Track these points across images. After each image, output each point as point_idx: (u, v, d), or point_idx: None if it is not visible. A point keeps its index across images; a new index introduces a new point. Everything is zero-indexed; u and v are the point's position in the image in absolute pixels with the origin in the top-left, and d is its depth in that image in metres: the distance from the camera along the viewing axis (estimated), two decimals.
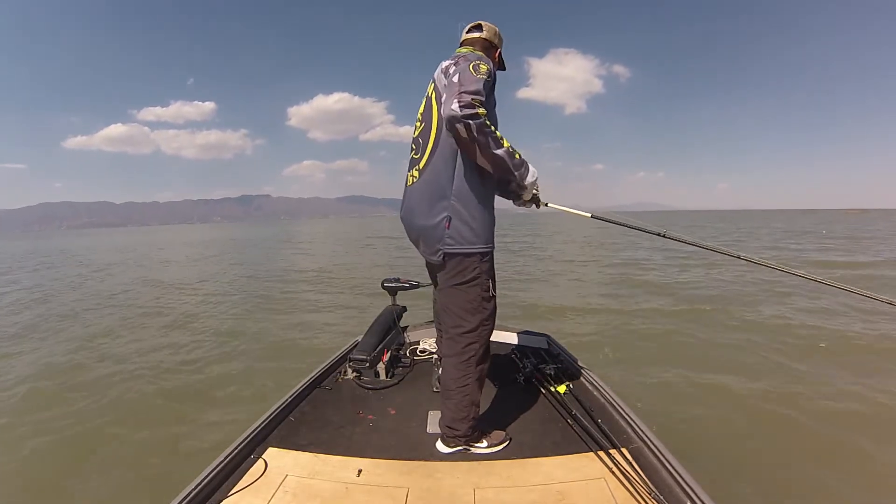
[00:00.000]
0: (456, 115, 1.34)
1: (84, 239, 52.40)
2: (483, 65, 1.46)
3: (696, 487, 1.26)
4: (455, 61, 1.52)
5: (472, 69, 1.43)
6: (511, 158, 1.46)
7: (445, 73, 1.51)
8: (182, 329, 5.71)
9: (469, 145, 1.41)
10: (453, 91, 1.38)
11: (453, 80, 1.42)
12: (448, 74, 1.48)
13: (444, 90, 1.47)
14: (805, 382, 3.47)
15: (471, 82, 1.39)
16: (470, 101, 1.34)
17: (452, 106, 1.35)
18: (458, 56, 1.55)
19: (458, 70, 1.44)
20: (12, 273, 14.03)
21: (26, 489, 2.45)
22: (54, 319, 6.52)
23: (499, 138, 1.42)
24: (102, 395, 3.53)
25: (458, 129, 1.37)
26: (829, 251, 13.78)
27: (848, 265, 10.40)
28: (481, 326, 1.56)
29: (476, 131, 1.36)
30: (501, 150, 1.43)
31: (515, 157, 1.47)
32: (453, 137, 1.44)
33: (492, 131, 1.40)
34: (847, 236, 20.37)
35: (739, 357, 4.10)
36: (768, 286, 7.33)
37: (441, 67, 1.57)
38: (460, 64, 1.47)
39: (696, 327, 5.12)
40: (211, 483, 1.34)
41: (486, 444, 1.60)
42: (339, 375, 2.25)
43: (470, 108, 1.34)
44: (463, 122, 1.35)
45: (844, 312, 5.53)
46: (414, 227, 1.61)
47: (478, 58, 1.51)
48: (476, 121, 1.35)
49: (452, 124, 1.38)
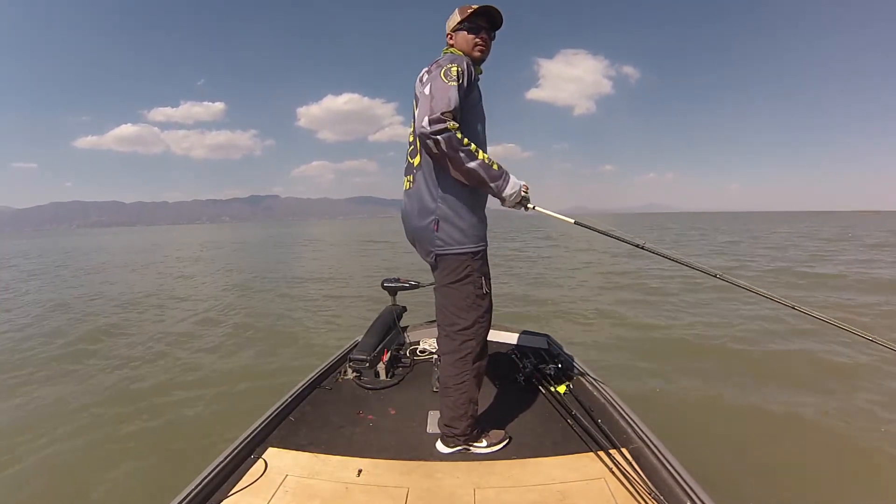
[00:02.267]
0: (425, 131, 1.34)
1: (102, 238, 51.57)
2: (454, 67, 1.43)
3: (696, 487, 1.26)
4: (429, 68, 1.50)
5: (444, 76, 1.40)
6: (487, 171, 1.43)
7: (421, 81, 1.50)
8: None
9: (441, 159, 1.41)
10: (424, 105, 1.37)
11: (424, 93, 1.40)
12: (423, 83, 1.46)
13: (419, 100, 1.45)
14: (805, 382, 3.47)
15: (441, 95, 1.36)
16: (438, 117, 1.33)
17: (422, 123, 1.34)
18: (434, 62, 1.53)
19: (430, 79, 1.42)
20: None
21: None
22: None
23: (472, 151, 1.39)
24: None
25: (428, 144, 1.37)
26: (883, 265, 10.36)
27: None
28: (476, 324, 1.56)
29: (446, 146, 1.35)
30: (475, 163, 1.40)
31: (493, 169, 1.43)
32: (426, 152, 1.44)
33: (464, 145, 1.37)
34: (882, 243, 16.50)
35: (740, 357, 4.11)
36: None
37: (419, 76, 1.55)
38: (432, 72, 1.45)
39: (699, 328, 5.12)
40: (211, 483, 1.34)
41: (485, 444, 1.60)
42: (339, 375, 2.26)
43: (439, 123, 1.33)
44: (432, 137, 1.34)
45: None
46: (410, 229, 1.64)
47: (450, 60, 1.47)
48: (445, 135, 1.34)
49: (423, 140, 1.38)
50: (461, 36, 1.58)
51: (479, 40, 1.57)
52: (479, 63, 1.61)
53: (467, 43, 1.57)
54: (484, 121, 1.60)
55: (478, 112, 1.56)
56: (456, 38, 1.59)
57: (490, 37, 1.60)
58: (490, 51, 1.61)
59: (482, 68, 1.63)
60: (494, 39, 1.63)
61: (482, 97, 1.59)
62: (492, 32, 1.61)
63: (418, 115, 1.39)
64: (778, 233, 25.28)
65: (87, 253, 22.65)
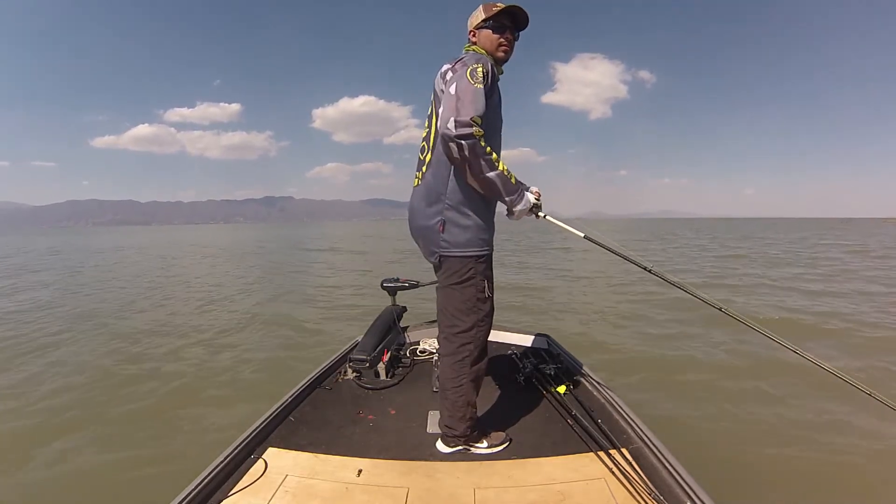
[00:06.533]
0: (450, 133, 1.31)
1: (117, 236, 50.26)
2: (479, 67, 1.40)
3: (696, 487, 1.26)
4: (453, 66, 1.47)
5: (470, 76, 1.37)
6: (505, 183, 1.40)
7: (444, 79, 1.47)
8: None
9: (461, 164, 1.38)
10: (450, 106, 1.33)
11: (450, 92, 1.36)
12: (446, 81, 1.43)
13: (442, 98, 1.42)
14: (805, 381, 3.46)
15: (469, 97, 1.33)
16: (466, 121, 1.29)
17: (448, 124, 1.31)
18: (457, 60, 1.50)
19: (455, 79, 1.38)
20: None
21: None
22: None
23: (493, 161, 1.36)
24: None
25: (450, 147, 1.34)
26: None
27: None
28: (476, 327, 1.55)
29: (469, 152, 1.32)
30: (494, 174, 1.38)
31: (511, 183, 1.41)
32: (445, 155, 1.41)
33: (486, 153, 1.34)
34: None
35: (740, 358, 4.10)
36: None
37: (441, 71, 1.52)
38: (458, 70, 1.42)
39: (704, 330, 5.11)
40: (211, 483, 1.34)
41: (486, 445, 1.60)
42: (339, 375, 2.25)
43: (466, 127, 1.30)
44: (456, 141, 1.31)
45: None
46: (414, 227, 1.62)
47: (475, 60, 1.43)
48: (469, 141, 1.31)
49: (446, 142, 1.35)
50: (485, 34, 1.53)
51: (504, 40, 1.53)
52: (502, 63, 1.56)
53: (491, 42, 1.53)
54: (502, 125, 1.57)
55: (498, 116, 1.53)
56: (479, 37, 1.54)
57: (514, 37, 1.56)
58: (513, 52, 1.56)
59: (503, 69, 1.58)
60: (518, 40, 1.58)
61: (502, 101, 1.55)
62: (516, 33, 1.56)
63: (442, 116, 1.35)
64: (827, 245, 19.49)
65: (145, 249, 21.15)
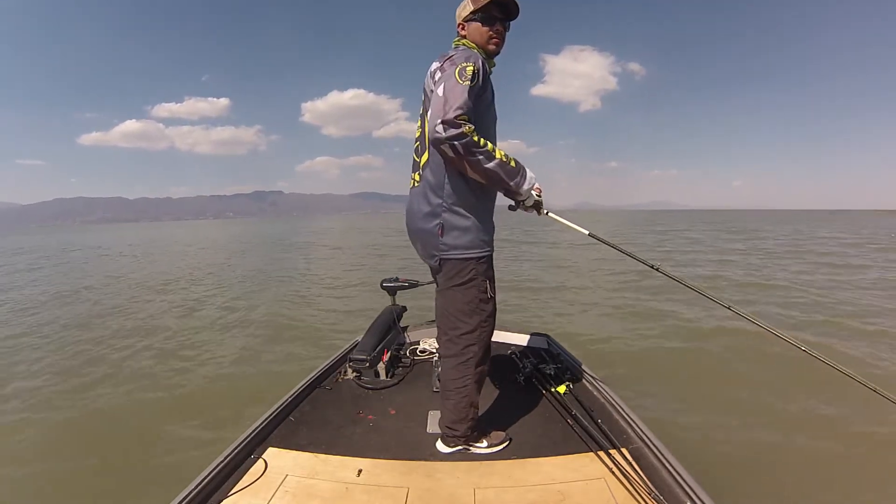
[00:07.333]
0: (440, 137, 1.28)
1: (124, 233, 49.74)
2: (469, 66, 1.35)
3: (696, 487, 1.26)
4: (441, 65, 1.42)
5: (458, 75, 1.33)
6: (504, 168, 1.38)
7: (433, 78, 1.43)
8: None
9: (458, 162, 1.35)
10: (437, 109, 1.30)
11: (438, 94, 1.32)
12: (435, 82, 1.39)
13: (431, 99, 1.38)
14: (805, 381, 3.46)
15: (455, 96, 1.29)
16: (453, 121, 1.27)
17: (437, 128, 1.28)
18: (447, 57, 1.44)
19: (444, 79, 1.34)
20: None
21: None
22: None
23: (490, 151, 1.34)
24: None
25: (444, 150, 1.32)
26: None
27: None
28: (479, 328, 1.53)
29: (463, 150, 1.30)
30: (493, 164, 1.35)
31: (510, 165, 1.38)
32: (440, 156, 1.39)
33: (481, 147, 1.32)
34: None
35: (740, 358, 4.10)
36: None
37: (430, 70, 1.48)
38: (446, 69, 1.37)
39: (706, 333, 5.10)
40: (211, 483, 1.34)
41: (486, 444, 1.60)
42: (339, 375, 2.25)
43: (454, 127, 1.27)
44: (448, 143, 1.29)
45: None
46: (413, 229, 1.60)
47: (464, 57, 1.38)
48: (461, 141, 1.28)
49: (438, 146, 1.32)
50: (474, 27, 1.48)
51: (494, 32, 1.48)
52: (493, 56, 1.52)
53: (481, 35, 1.48)
54: (496, 121, 1.54)
55: (492, 112, 1.50)
56: (468, 29, 1.50)
57: (505, 28, 1.51)
58: (504, 43, 1.52)
59: (495, 61, 1.55)
60: (509, 31, 1.53)
61: (495, 96, 1.51)
62: (507, 24, 1.51)
63: (431, 118, 1.32)
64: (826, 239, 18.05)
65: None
